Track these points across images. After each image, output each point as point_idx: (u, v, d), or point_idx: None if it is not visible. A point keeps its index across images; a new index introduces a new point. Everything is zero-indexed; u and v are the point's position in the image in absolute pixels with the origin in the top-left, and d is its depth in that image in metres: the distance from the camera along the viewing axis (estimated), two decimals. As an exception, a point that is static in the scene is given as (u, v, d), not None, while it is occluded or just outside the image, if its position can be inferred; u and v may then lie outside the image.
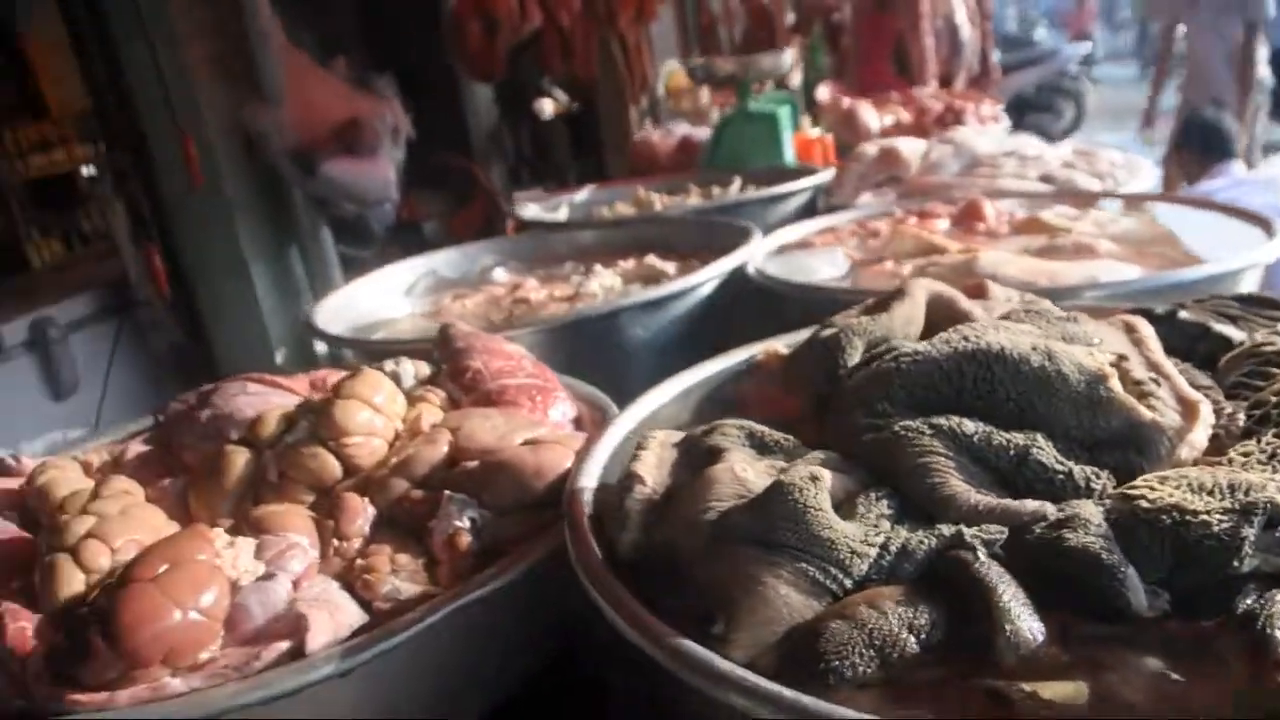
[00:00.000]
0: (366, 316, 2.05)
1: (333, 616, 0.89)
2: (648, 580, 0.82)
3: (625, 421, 1.12)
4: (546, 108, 7.44)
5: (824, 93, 5.66)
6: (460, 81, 6.73)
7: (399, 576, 0.95)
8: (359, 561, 0.98)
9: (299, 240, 3.51)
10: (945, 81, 6.60)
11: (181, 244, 3.47)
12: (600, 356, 1.62)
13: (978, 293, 1.27)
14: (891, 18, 6.36)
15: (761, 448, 0.92)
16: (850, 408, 0.94)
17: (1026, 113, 12.41)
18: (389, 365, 1.28)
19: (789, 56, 3.42)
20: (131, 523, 1.03)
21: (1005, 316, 1.08)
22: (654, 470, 0.88)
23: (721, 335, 1.90)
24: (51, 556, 0.98)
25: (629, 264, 2.08)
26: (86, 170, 7.08)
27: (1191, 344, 1.12)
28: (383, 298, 2.14)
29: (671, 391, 1.22)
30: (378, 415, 1.13)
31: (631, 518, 0.84)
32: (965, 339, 0.93)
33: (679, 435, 0.96)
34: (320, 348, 3.80)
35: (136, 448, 1.41)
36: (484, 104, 7.46)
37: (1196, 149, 4.61)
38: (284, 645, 0.86)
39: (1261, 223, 1.75)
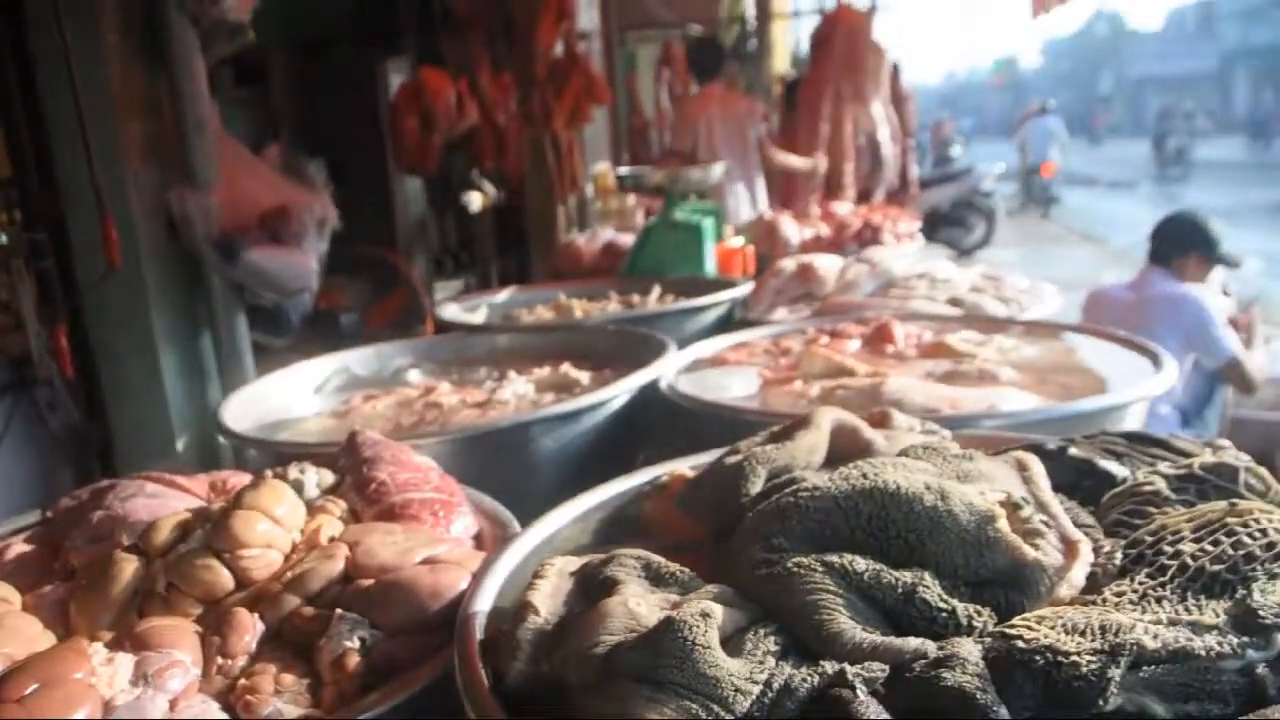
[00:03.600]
0: (276, 413, 2.02)
1: (211, 740, 0.87)
2: (534, 712, 0.82)
3: (523, 544, 1.12)
4: (474, 200, 7.49)
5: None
6: (390, 170, 6.77)
7: (282, 698, 0.93)
8: (242, 681, 0.96)
9: (212, 327, 3.44)
10: (864, 196, 6.82)
11: (91, 325, 3.38)
12: (510, 467, 1.62)
13: (881, 421, 1.31)
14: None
15: (657, 579, 0.93)
16: (747, 542, 0.96)
17: (939, 226, 12.99)
18: (293, 472, 1.26)
19: (718, 169, 3.52)
20: (3, 634, 0.99)
21: (904, 453, 1.11)
22: (548, 600, 0.88)
23: (633, 449, 1.92)
24: (-83, 670, 0.93)
25: (544, 371, 2.09)
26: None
27: (1078, 479, 1.16)
28: (294, 394, 2.12)
29: (572, 513, 1.22)
30: (277, 527, 1.11)
31: (522, 648, 0.84)
32: (864, 476, 0.96)
33: (578, 563, 0.96)
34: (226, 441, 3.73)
35: (19, 547, 1.36)
36: (413, 194, 7.49)
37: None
38: (158, 771, 0.84)
39: (1150, 354, 1.83)
